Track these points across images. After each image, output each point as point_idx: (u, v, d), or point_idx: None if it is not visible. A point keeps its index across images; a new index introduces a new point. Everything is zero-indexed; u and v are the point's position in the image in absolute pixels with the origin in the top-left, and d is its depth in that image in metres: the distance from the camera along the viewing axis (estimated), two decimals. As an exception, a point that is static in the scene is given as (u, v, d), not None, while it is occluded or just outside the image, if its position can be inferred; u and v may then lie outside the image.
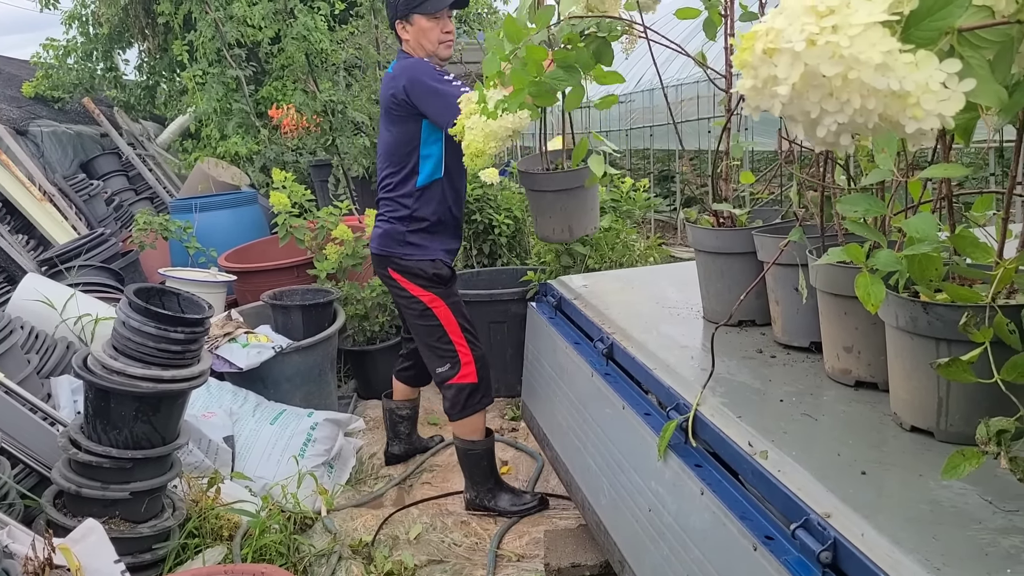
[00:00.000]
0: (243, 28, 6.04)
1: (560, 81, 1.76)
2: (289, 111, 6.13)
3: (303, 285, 4.18)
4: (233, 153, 6.32)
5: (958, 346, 1.24)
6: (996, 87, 0.72)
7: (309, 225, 4.41)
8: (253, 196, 5.80)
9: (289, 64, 6.02)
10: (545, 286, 2.84)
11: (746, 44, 0.72)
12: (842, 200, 1.37)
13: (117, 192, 6.84)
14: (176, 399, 2.43)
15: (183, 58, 6.47)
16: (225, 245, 5.00)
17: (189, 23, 6.49)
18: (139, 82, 8.50)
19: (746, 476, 1.45)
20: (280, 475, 3.02)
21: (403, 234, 2.90)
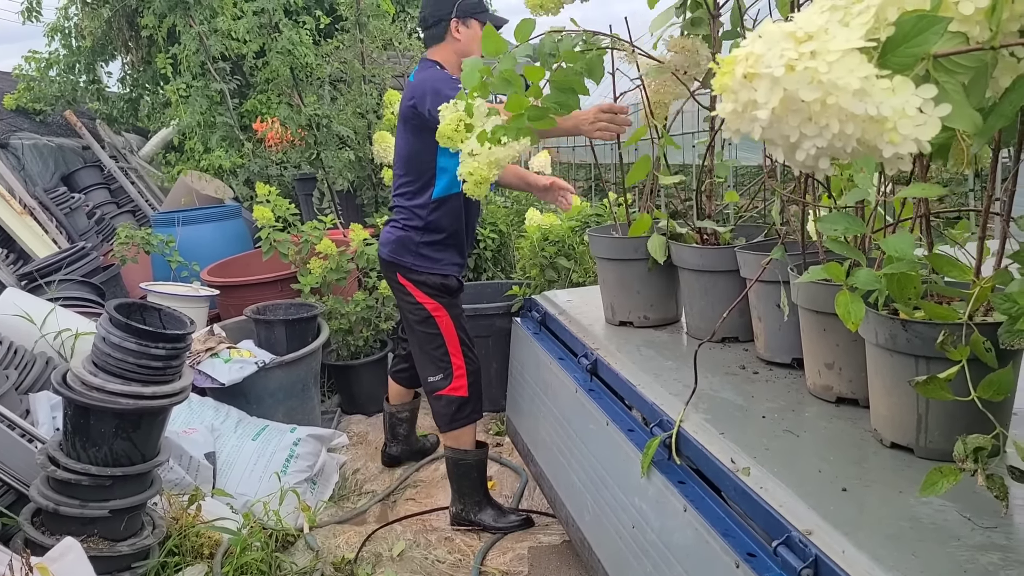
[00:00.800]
0: (227, 41, 6.03)
1: (560, 106, 1.75)
2: (274, 124, 6.11)
3: (287, 300, 4.16)
4: (217, 166, 6.28)
5: (937, 363, 1.25)
6: (971, 112, 0.73)
7: (293, 239, 4.39)
8: (237, 210, 5.78)
9: (274, 78, 6.00)
10: (530, 301, 2.85)
11: (726, 68, 0.73)
12: (822, 219, 1.39)
13: (99, 205, 6.78)
14: (157, 415, 2.41)
15: (167, 71, 6.44)
16: (208, 259, 4.97)
17: (173, 36, 6.47)
18: (122, 95, 8.46)
19: (729, 493, 1.45)
20: (262, 492, 3.00)
21: (416, 244, 2.91)
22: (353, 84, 6.06)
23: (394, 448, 3.56)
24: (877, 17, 0.71)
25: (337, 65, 6.15)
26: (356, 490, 3.38)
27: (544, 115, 1.71)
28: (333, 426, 3.98)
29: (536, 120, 1.71)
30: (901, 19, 0.70)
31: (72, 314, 3.56)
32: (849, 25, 0.70)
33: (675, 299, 2.31)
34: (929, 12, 0.70)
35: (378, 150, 5.32)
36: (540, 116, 1.71)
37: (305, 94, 5.97)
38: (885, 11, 0.72)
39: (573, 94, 1.76)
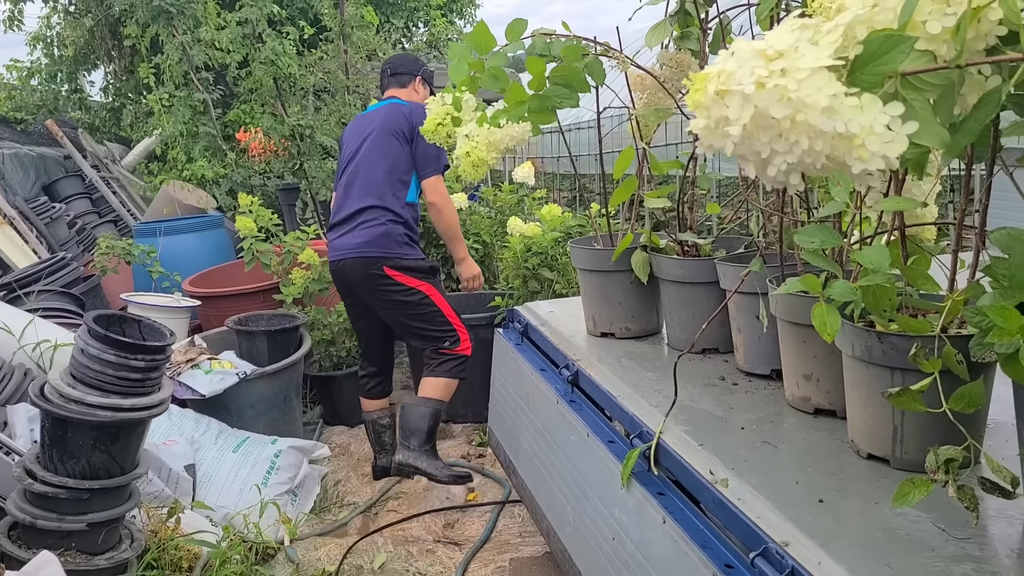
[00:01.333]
0: (211, 51, 6.02)
1: (562, 98, 1.75)
2: (257, 134, 6.11)
3: (269, 310, 4.14)
4: (200, 176, 6.27)
5: (912, 375, 1.27)
6: (939, 129, 0.75)
7: (275, 249, 4.38)
8: (219, 220, 5.76)
9: (257, 88, 6.01)
10: (512, 312, 2.85)
11: (699, 85, 0.74)
12: (799, 232, 1.40)
13: (80, 215, 6.74)
14: (135, 428, 2.39)
15: (150, 80, 6.43)
16: (190, 269, 4.95)
17: (156, 46, 6.46)
18: (105, 104, 8.43)
19: (707, 504, 1.46)
20: (242, 504, 2.98)
21: (403, 235, 3.26)
22: (337, 94, 6.07)
23: (383, 459, 3.54)
24: (846, 36, 0.72)
25: (321, 75, 6.15)
26: (338, 502, 3.37)
27: (545, 107, 1.71)
28: (315, 437, 3.96)
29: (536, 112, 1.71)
30: (869, 38, 0.71)
31: (51, 325, 3.53)
32: (818, 43, 0.71)
33: (656, 310, 2.32)
34: (896, 31, 0.71)
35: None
36: (542, 107, 1.71)
37: (288, 104, 5.97)
38: (854, 30, 0.73)
39: (574, 90, 1.76)
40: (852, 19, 0.73)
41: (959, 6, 0.72)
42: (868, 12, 0.74)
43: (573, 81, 1.67)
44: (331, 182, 5.78)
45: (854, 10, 0.74)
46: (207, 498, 3.00)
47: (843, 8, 0.77)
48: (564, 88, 1.67)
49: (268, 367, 3.58)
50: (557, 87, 1.67)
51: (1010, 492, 1.04)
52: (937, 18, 0.74)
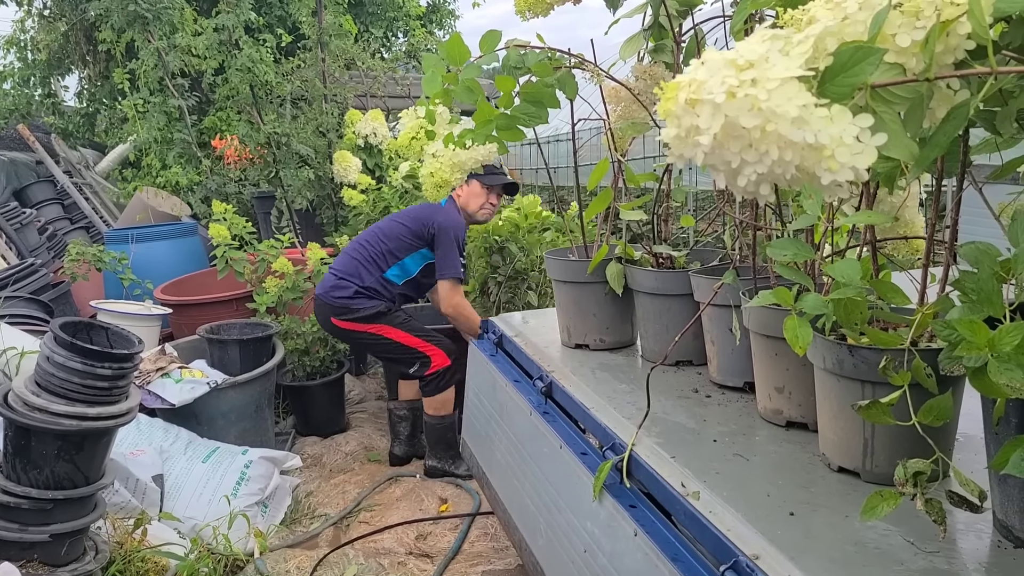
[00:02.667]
0: (187, 58, 5.97)
1: (530, 116, 1.74)
2: (232, 142, 6.06)
3: (242, 319, 4.10)
4: (174, 183, 6.21)
5: (882, 388, 1.27)
6: (908, 141, 0.75)
7: (249, 258, 4.34)
8: (193, 227, 5.70)
9: (233, 95, 5.96)
10: (486, 323, 2.84)
11: (670, 94, 0.74)
12: (771, 244, 1.40)
13: (51, 221, 6.65)
14: (101, 437, 2.35)
15: (124, 86, 6.36)
16: (163, 277, 4.89)
17: (132, 51, 6.39)
18: (79, 109, 8.33)
19: (679, 517, 1.45)
20: (211, 515, 2.93)
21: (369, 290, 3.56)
22: (314, 103, 6.04)
23: (397, 448, 3.83)
24: (816, 47, 0.72)
25: (298, 84, 6.12)
26: (309, 513, 3.32)
27: (513, 125, 1.70)
28: (287, 448, 3.92)
29: (504, 130, 1.70)
30: (839, 50, 0.71)
31: (18, 332, 3.46)
32: (789, 54, 0.71)
33: (631, 322, 2.32)
34: (866, 44, 0.71)
35: (338, 169, 5.29)
36: (509, 126, 1.70)
37: (265, 112, 5.93)
38: (824, 41, 0.73)
39: (543, 107, 1.75)
40: (822, 30, 0.73)
41: (928, 20, 0.72)
42: (838, 24, 0.74)
43: (542, 98, 1.66)
44: (307, 191, 5.75)
45: (824, 22, 0.74)
46: (175, 509, 2.95)
47: (814, 20, 0.77)
48: (533, 105, 1.66)
49: (240, 376, 3.54)
50: (525, 105, 1.66)
51: (978, 506, 1.05)
52: (906, 31, 0.74)
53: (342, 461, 3.81)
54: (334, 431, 4.18)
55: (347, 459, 3.84)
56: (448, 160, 1.82)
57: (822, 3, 0.77)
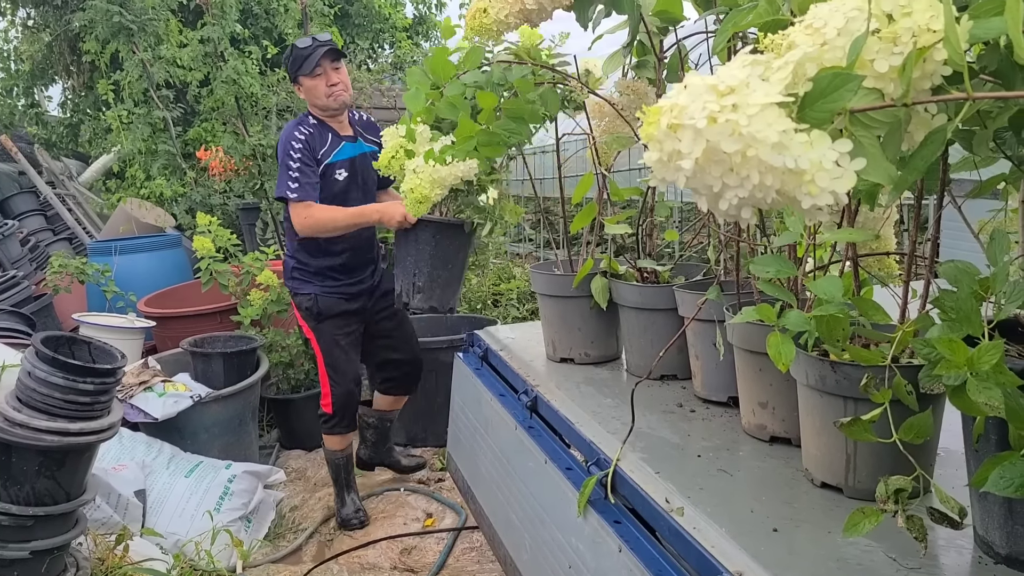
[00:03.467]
0: (172, 69, 5.96)
1: (511, 133, 1.73)
2: (217, 153, 6.04)
3: (226, 332, 4.08)
4: (158, 194, 6.18)
5: (864, 405, 1.28)
6: (886, 165, 0.76)
7: (234, 270, 4.32)
8: (177, 239, 5.68)
9: (218, 107, 5.95)
10: (472, 336, 2.84)
11: (652, 119, 0.75)
12: (754, 261, 1.41)
13: (33, 232, 6.60)
14: (83, 453, 2.33)
15: (108, 97, 6.34)
16: (146, 289, 4.86)
17: (116, 62, 6.37)
18: (62, 119, 8.29)
19: (663, 533, 1.45)
20: (194, 531, 2.91)
21: (292, 268, 3.28)
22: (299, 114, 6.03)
23: (363, 451, 3.74)
24: (795, 73, 0.73)
25: (284, 95, 6.11)
26: (293, 528, 3.31)
27: (494, 141, 1.69)
28: (271, 462, 3.90)
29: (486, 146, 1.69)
30: (818, 75, 0.72)
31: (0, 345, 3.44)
32: (769, 80, 0.72)
33: (616, 336, 2.33)
34: (845, 69, 0.72)
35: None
36: (490, 142, 1.69)
37: (250, 123, 5.92)
38: (803, 67, 0.74)
39: (524, 124, 1.75)
40: (802, 56, 0.74)
41: (906, 46, 0.74)
42: (817, 50, 0.75)
43: (524, 114, 1.66)
44: (292, 203, 5.71)
45: (804, 48, 0.75)
46: (157, 524, 2.93)
47: (794, 45, 0.78)
48: (514, 122, 1.66)
49: (224, 390, 3.52)
50: (507, 122, 1.66)
51: (958, 523, 1.06)
52: (884, 57, 0.75)
53: (326, 475, 3.79)
54: (319, 444, 4.15)
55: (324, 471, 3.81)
56: (428, 176, 1.81)
57: (801, 28, 0.78)
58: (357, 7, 9.19)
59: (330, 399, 3.30)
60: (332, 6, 7.44)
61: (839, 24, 0.76)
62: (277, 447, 4.13)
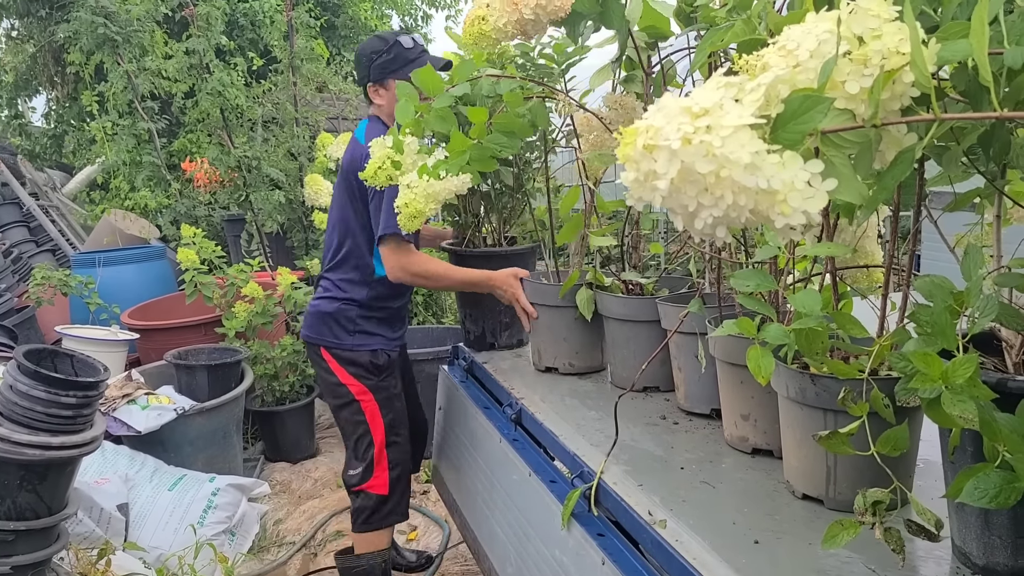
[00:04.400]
0: (157, 80, 5.96)
1: (503, 146, 1.73)
2: (203, 164, 6.03)
3: (210, 344, 4.06)
4: (143, 206, 6.16)
5: (844, 417, 1.29)
6: (858, 184, 0.77)
7: (218, 282, 4.31)
8: (161, 251, 5.66)
9: (203, 118, 5.94)
10: (457, 348, 2.84)
11: (628, 139, 0.76)
12: (735, 275, 1.43)
13: (16, 244, 6.56)
14: (65, 467, 2.31)
15: (93, 108, 6.32)
16: (130, 301, 4.84)
17: (101, 73, 6.36)
18: (46, 130, 8.26)
19: (646, 546, 1.46)
20: (177, 545, 2.90)
21: (348, 320, 2.56)
22: (286, 126, 6.03)
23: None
24: (768, 94, 0.75)
25: (269, 107, 6.11)
26: (277, 541, 3.29)
27: (486, 155, 1.70)
28: (256, 474, 3.88)
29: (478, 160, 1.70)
30: (790, 97, 0.74)
31: (-20, 359, 3.41)
32: (742, 102, 0.73)
33: (600, 347, 2.34)
34: (816, 91, 0.74)
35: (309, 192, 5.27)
36: (482, 156, 1.70)
37: (235, 135, 5.91)
38: (776, 89, 0.75)
39: (515, 137, 1.75)
40: (774, 78, 0.75)
41: (875, 68, 0.75)
42: (790, 72, 0.76)
43: (515, 128, 1.67)
44: (277, 214, 5.72)
45: (776, 69, 0.76)
46: (140, 538, 2.91)
47: (767, 66, 0.79)
48: (506, 136, 1.67)
49: (208, 402, 3.51)
50: (498, 135, 1.67)
51: (935, 535, 1.07)
52: (855, 79, 0.76)
53: (311, 487, 3.78)
54: (304, 457, 4.15)
55: (316, 485, 3.81)
56: (422, 191, 1.81)
57: (775, 50, 0.80)
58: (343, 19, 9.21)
59: (387, 475, 2.57)
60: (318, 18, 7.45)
61: (811, 46, 0.78)
62: (262, 460, 4.11)
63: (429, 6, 11.17)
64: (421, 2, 11.11)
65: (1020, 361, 1.14)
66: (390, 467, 2.57)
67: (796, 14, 0.88)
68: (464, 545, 3.08)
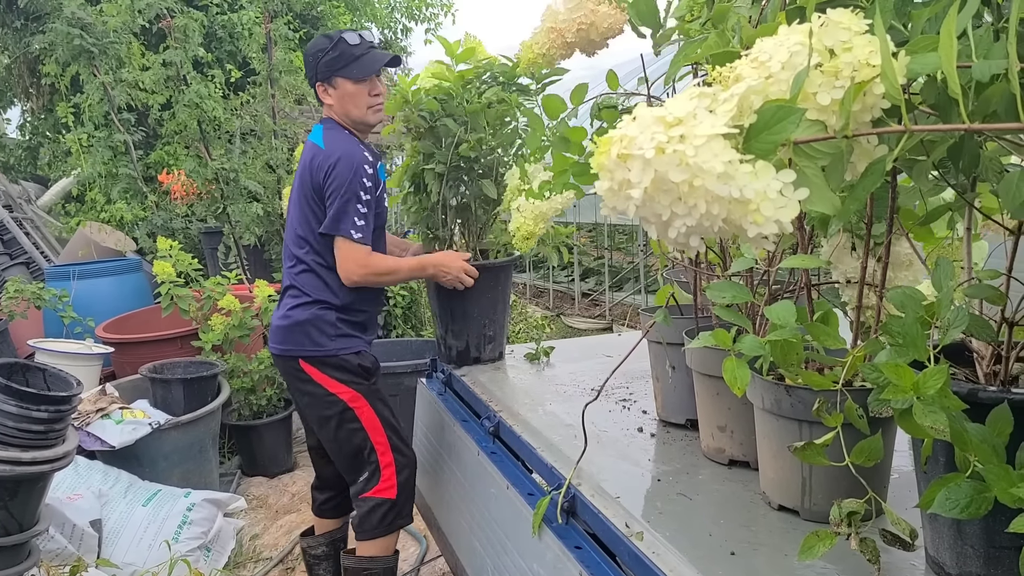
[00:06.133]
0: (134, 92, 5.92)
1: None
2: (180, 177, 6.00)
3: (186, 357, 4.02)
4: (119, 218, 6.11)
5: (819, 428, 1.30)
6: (830, 195, 0.78)
7: (195, 295, 4.27)
8: (137, 263, 5.60)
9: (181, 130, 5.91)
10: (436, 361, 2.83)
11: (603, 148, 0.76)
12: (711, 286, 1.43)
13: (-11, 256, 6.47)
14: (36, 482, 2.28)
15: (68, 120, 6.27)
16: (106, 314, 4.79)
17: (77, 84, 6.31)
18: (20, 142, 8.17)
19: (623, 558, 1.46)
20: (151, 561, 2.85)
21: (327, 324, 2.46)
22: (264, 138, 6.02)
23: None
24: (741, 105, 0.75)
25: (248, 119, 6.09)
26: (253, 557, 3.25)
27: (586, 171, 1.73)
28: (232, 489, 3.83)
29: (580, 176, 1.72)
30: (763, 108, 0.74)
31: (-50, 372, 3.36)
32: (715, 112, 0.74)
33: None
34: (788, 102, 0.74)
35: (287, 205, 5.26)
36: (583, 172, 1.72)
37: (213, 147, 5.88)
38: (748, 99, 0.76)
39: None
40: (747, 89, 0.76)
41: (846, 80, 0.76)
42: (762, 83, 0.77)
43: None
44: (255, 226, 5.69)
45: (749, 80, 0.77)
46: (114, 555, 2.86)
47: (740, 78, 0.80)
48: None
49: (183, 416, 3.47)
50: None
51: (909, 544, 1.07)
52: (826, 90, 0.77)
53: (288, 502, 3.75)
54: (281, 471, 4.11)
55: (294, 500, 3.77)
56: (531, 212, 1.91)
57: (748, 62, 0.81)
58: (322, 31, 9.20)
59: (395, 478, 2.47)
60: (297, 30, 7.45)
61: (783, 58, 0.78)
62: (238, 474, 4.06)
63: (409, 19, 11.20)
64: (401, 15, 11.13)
65: (991, 372, 1.16)
66: (397, 470, 2.48)
67: (769, 27, 0.89)
68: (442, 559, 3.06)
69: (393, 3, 10.95)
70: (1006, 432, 0.96)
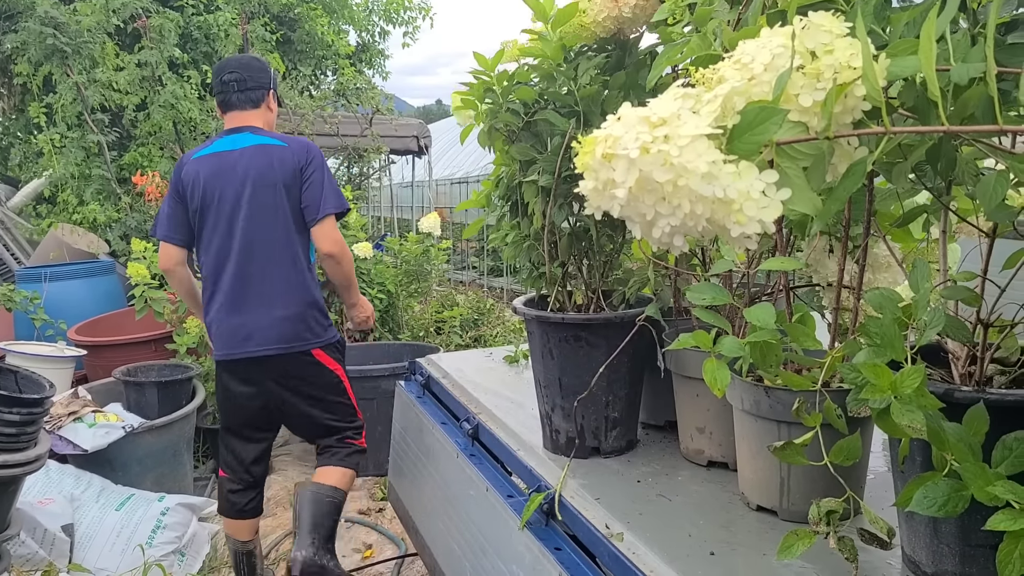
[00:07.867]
0: (108, 92, 5.85)
1: None
2: (154, 178, 5.93)
3: (161, 360, 3.98)
4: (92, 220, 6.03)
5: (797, 429, 1.31)
6: (811, 195, 0.79)
7: (170, 297, 4.23)
8: (110, 265, 5.54)
9: (156, 131, 5.85)
10: (414, 364, 2.82)
11: (587, 148, 0.76)
12: (690, 289, 1.44)
13: (-42, 258, 6.36)
14: (7, 486, 2.24)
15: (40, 120, 6.18)
16: (78, 317, 4.73)
17: (49, 84, 6.23)
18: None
19: (603, 559, 1.46)
20: (125, 566, 2.82)
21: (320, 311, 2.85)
22: (241, 140, 5.96)
23: None
24: (724, 106, 0.76)
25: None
26: (228, 562, 3.22)
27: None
28: (207, 493, 3.80)
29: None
30: (745, 109, 0.75)
31: (-82, 375, 3.29)
32: (699, 112, 0.74)
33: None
34: (771, 103, 0.75)
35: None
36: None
37: (188, 148, 5.83)
38: (732, 100, 0.77)
39: None
40: (730, 90, 0.77)
41: (827, 82, 0.77)
42: (745, 84, 0.78)
43: None
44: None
45: (732, 82, 0.78)
46: (86, 560, 2.82)
47: (723, 79, 0.80)
48: None
49: (157, 420, 3.43)
50: None
51: (886, 543, 1.08)
52: (808, 92, 0.78)
53: (264, 506, 3.71)
54: (256, 475, 4.07)
55: (269, 504, 3.74)
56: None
57: (731, 64, 0.81)
58: (300, 33, 9.15)
59: (364, 432, 3.03)
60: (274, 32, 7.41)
61: (766, 60, 0.79)
62: (213, 478, 4.02)
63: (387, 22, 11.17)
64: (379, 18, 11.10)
65: (966, 372, 1.17)
66: (366, 428, 3.05)
67: (751, 29, 0.90)
68: (419, 562, 3.05)
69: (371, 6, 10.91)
70: (982, 431, 0.97)
